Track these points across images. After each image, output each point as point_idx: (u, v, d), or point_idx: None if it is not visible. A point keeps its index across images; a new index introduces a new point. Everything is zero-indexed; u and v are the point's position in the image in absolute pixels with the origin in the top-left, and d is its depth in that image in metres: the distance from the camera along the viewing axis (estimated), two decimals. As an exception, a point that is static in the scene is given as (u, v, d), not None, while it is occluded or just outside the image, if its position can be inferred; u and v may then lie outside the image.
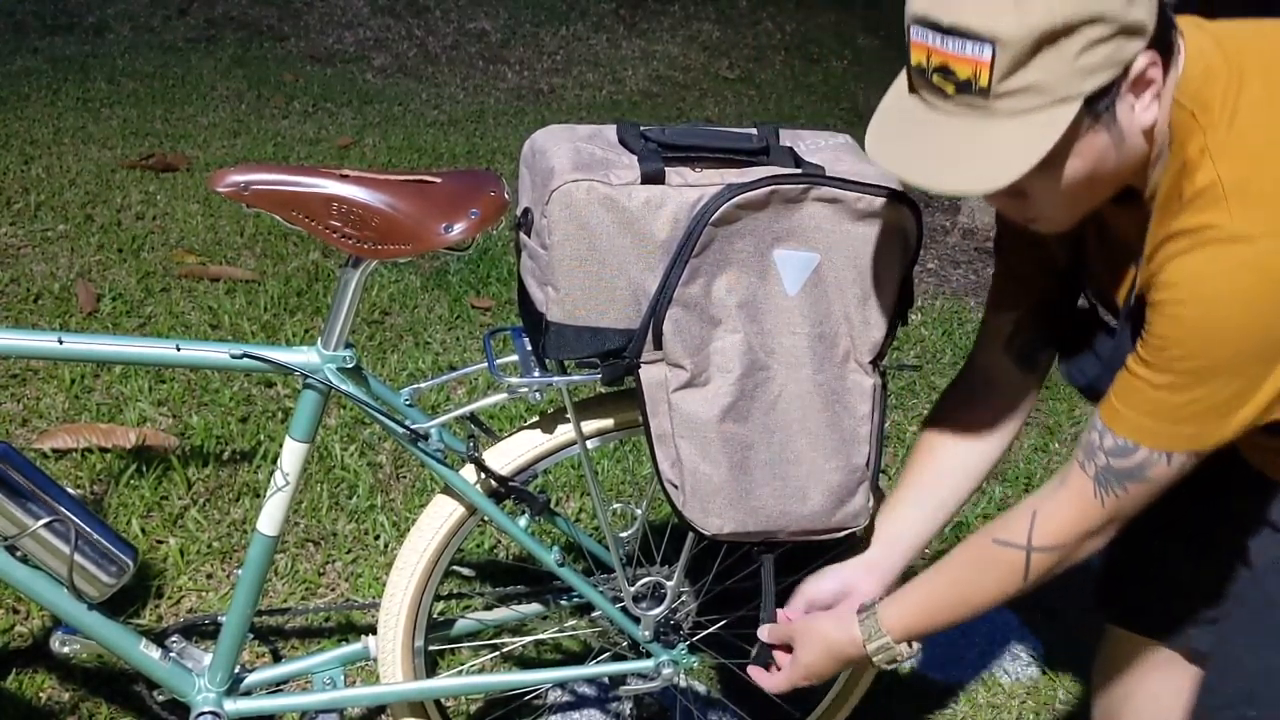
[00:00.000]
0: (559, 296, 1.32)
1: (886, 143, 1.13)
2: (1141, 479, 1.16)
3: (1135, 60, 1.02)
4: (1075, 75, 1.01)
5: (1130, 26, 1.00)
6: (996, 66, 1.01)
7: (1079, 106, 1.02)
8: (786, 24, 6.68)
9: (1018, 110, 1.03)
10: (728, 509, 1.41)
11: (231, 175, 1.29)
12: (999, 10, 1.00)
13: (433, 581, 1.56)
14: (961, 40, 1.02)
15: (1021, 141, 1.03)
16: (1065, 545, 1.23)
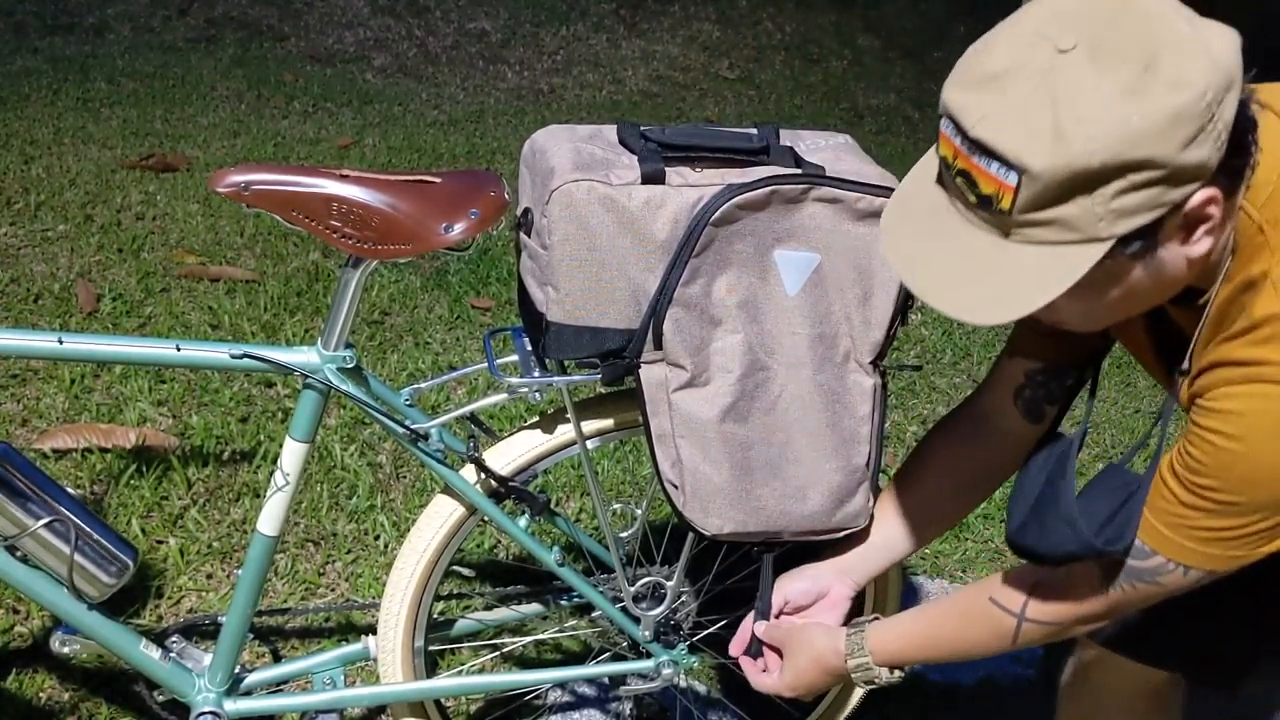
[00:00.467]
0: (559, 296, 1.32)
1: (902, 239, 1.04)
2: (1153, 582, 1.11)
3: (1190, 198, 0.92)
4: (1109, 217, 0.91)
5: (1184, 171, 0.90)
6: (1021, 196, 0.92)
7: (1108, 248, 0.92)
8: (786, 24, 6.68)
9: (1039, 240, 0.94)
10: (728, 509, 1.41)
11: (231, 175, 1.29)
12: (1034, 138, 0.90)
13: (433, 582, 1.56)
14: (988, 158, 0.92)
15: (1038, 275, 0.94)
16: (1059, 624, 1.20)
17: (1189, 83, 0.89)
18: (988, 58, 0.94)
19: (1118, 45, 0.90)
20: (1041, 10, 0.95)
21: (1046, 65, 0.91)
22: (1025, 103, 0.91)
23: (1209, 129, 0.89)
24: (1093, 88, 0.89)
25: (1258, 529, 1.02)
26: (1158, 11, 0.92)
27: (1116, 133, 0.88)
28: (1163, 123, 0.88)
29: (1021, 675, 2.20)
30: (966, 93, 0.94)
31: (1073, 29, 0.91)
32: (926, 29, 6.82)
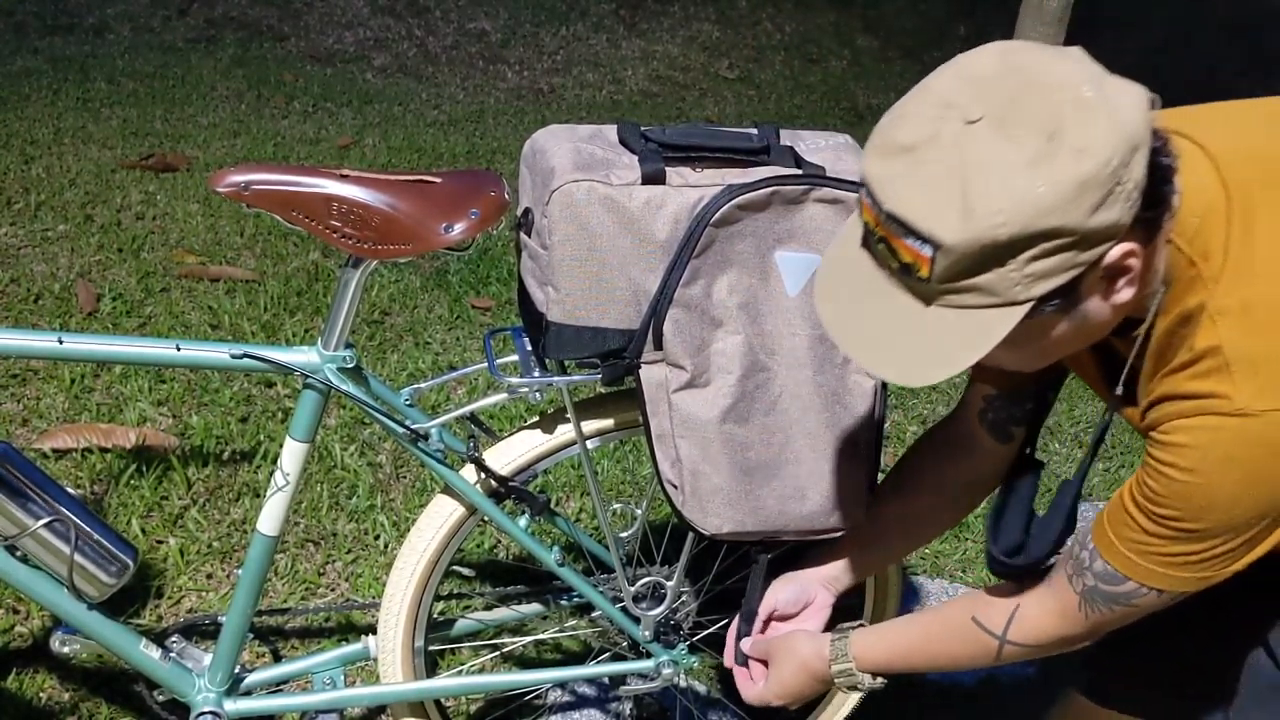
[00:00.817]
0: (559, 296, 1.32)
1: (833, 301, 1.06)
2: (1128, 604, 1.13)
3: (1106, 254, 0.94)
4: (1025, 282, 0.93)
5: (1095, 234, 0.92)
6: (937, 267, 0.94)
7: (1027, 309, 0.95)
8: (786, 24, 6.68)
9: (960, 305, 0.96)
10: (727, 509, 1.41)
11: (232, 175, 1.29)
12: (944, 214, 0.92)
13: (433, 582, 1.56)
14: (903, 230, 0.94)
15: (962, 338, 0.97)
16: (1040, 646, 1.23)
17: (1093, 150, 0.90)
18: (900, 128, 0.96)
19: (1023, 115, 0.91)
20: (951, 77, 0.96)
21: (954, 138, 0.92)
22: (935, 177, 0.92)
23: (1117, 191, 0.91)
24: (999, 160, 0.90)
25: (1221, 551, 1.04)
26: (1063, 78, 0.93)
27: (1024, 205, 0.90)
28: (1069, 192, 0.90)
29: (1021, 674, 2.20)
30: (881, 164, 0.96)
31: (980, 99, 0.93)
32: (926, 29, 6.82)
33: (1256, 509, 1.00)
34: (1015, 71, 0.94)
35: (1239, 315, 0.98)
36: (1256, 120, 1.12)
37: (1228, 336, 0.98)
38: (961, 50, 1.01)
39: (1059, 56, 0.96)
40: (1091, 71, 0.95)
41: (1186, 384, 1.01)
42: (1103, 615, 1.15)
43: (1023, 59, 0.95)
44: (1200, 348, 0.99)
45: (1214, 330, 0.98)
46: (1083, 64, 0.96)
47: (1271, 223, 1.00)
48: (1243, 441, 0.97)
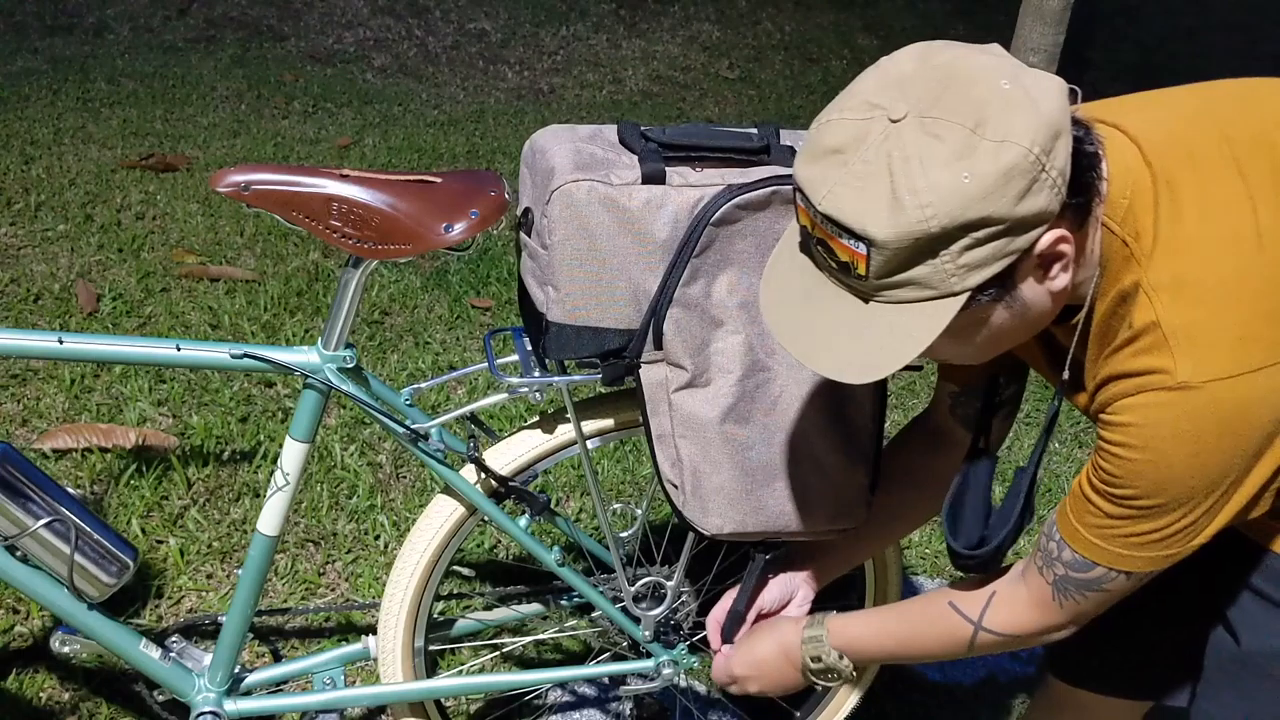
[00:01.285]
0: (559, 296, 1.32)
1: (777, 304, 1.08)
2: (1100, 590, 1.15)
3: (1038, 241, 0.97)
4: (960, 273, 0.96)
5: (1024, 221, 0.94)
6: (872, 263, 0.96)
7: (965, 299, 0.98)
8: (786, 24, 6.68)
9: (899, 300, 0.99)
10: (727, 509, 1.41)
11: (232, 175, 1.29)
12: (874, 210, 0.94)
13: (433, 582, 1.56)
14: (838, 229, 0.97)
15: (902, 332, 0.99)
16: (1017, 636, 1.24)
17: (1015, 139, 0.92)
18: (829, 131, 0.98)
19: (945, 111, 0.94)
20: (875, 79, 0.99)
21: (881, 136, 0.95)
22: (864, 176, 0.95)
23: (1042, 179, 0.94)
24: (924, 155, 0.93)
25: (1183, 525, 1.05)
26: (982, 73, 0.96)
27: (951, 197, 0.92)
28: (994, 181, 0.92)
29: (1021, 673, 2.20)
30: (812, 166, 0.99)
31: (903, 97, 0.96)
32: (926, 29, 6.82)
33: (1209, 478, 1.02)
34: (936, 70, 0.97)
35: (1173, 290, 1.00)
36: (1182, 105, 1.14)
37: (1164, 311, 1.00)
38: (962, 50, 1.01)
39: (977, 52, 0.99)
40: (1009, 66, 0.98)
41: (1128, 361, 1.03)
42: (1078, 603, 1.17)
43: (943, 57, 0.98)
44: (1139, 324, 1.01)
45: (1150, 306, 1.00)
46: (1001, 59, 0.98)
47: (1197, 199, 1.02)
48: (1188, 414, 0.99)
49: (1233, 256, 1.00)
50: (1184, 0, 6.90)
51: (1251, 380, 0.98)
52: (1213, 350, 0.98)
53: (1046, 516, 1.24)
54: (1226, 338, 0.98)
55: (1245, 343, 0.98)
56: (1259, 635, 1.24)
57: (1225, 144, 1.06)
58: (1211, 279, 1.00)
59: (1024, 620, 1.22)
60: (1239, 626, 1.27)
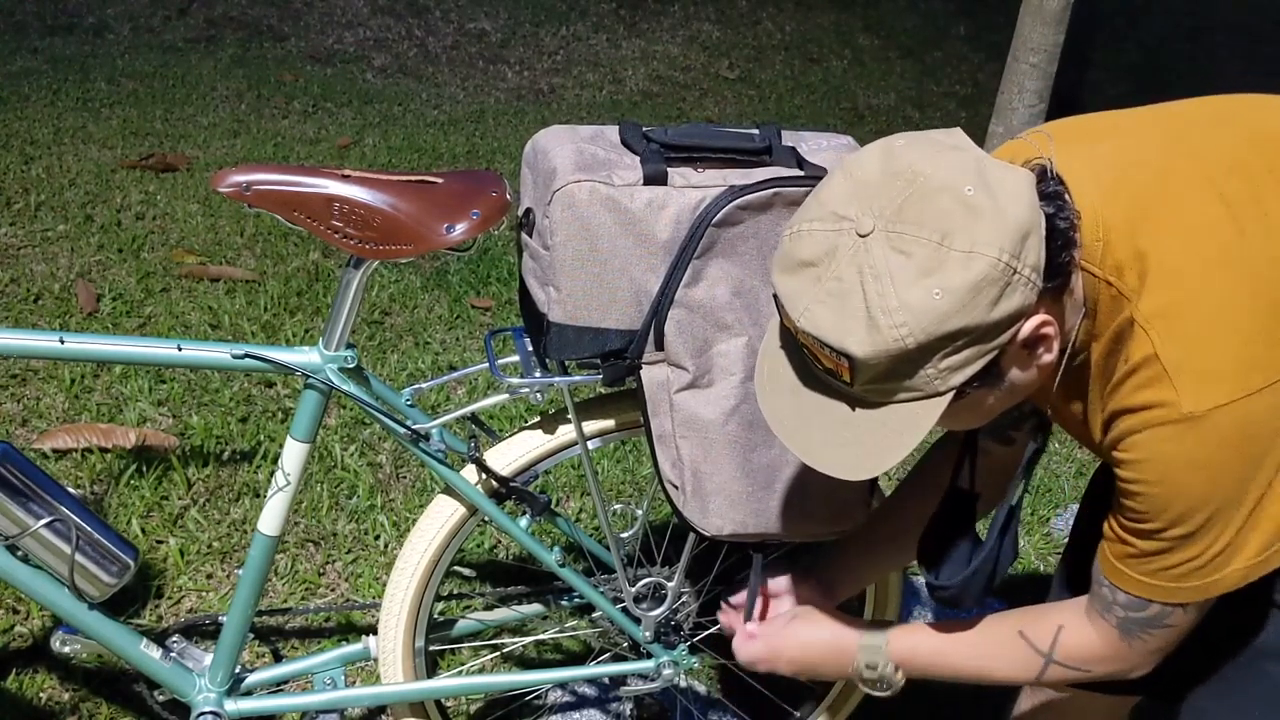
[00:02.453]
0: (561, 297, 1.32)
1: (773, 396, 1.10)
2: (1164, 626, 1.14)
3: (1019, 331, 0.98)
4: (943, 375, 0.98)
5: (1000, 324, 0.96)
6: (856, 374, 0.98)
7: (951, 395, 0.99)
8: (786, 24, 6.68)
9: (885, 402, 1.01)
10: (728, 509, 1.41)
11: (233, 175, 1.28)
12: (851, 329, 0.96)
13: (433, 582, 1.56)
14: (819, 341, 0.99)
15: (893, 431, 1.01)
16: (1090, 668, 1.22)
17: (982, 250, 0.93)
18: (801, 243, 1.00)
19: (911, 224, 0.95)
20: (841, 186, 1.00)
21: (851, 252, 0.96)
22: (838, 293, 0.97)
23: (1015, 281, 0.95)
24: (894, 272, 0.94)
25: (1218, 548, 1.05)
26: (946, 179, 0.96)
27: (924, 315, 0.94)
28: (965, 294, 0.94)
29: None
30: (788, 279, 1.01)
31: (869, 209, 0.97)
32: (926, 29, 6.82)
33: (1231, 498, 1.02)
34: (899, 176, 0.97)
35: (1166, 320, 1.00)
36: (1152, 132, 1.14)
37: (1160, 343, 1.00)
38: (962, 50, 1.01)
39: (941, 151, 0.99)
40: (974, 164, 0.98)
41: (1131, 396, 1.03)
42: (1145, 641, 1.16)
43: (905, 160, 0.98)
44: (1136, 358, 1.02)
45: (1147, 339, 1.01)
46: (964, 156, 0.99)
47: (1177, 225, 1.03)
48: (1197, 443, 1.00)
49: (1220, 280, 1.00)
50: (1185, 0, 6.90)
51: (1254, 402, 0.98)
52: (1213, 378, 0.98)
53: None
54: (1225, 364, 0.99)
55: (1243, 366, 0.99)
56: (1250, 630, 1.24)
57: (1201, 168, 1.06)
58: (1203, 306, 1.00)
59: (1096, 657, 1.20)
60: (1233, 622, 1.26)
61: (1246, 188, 1.04)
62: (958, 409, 1.03)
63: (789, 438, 1.08)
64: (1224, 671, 1.29)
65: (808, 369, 1.06)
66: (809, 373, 1.06)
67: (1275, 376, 0.98)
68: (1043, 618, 1.25)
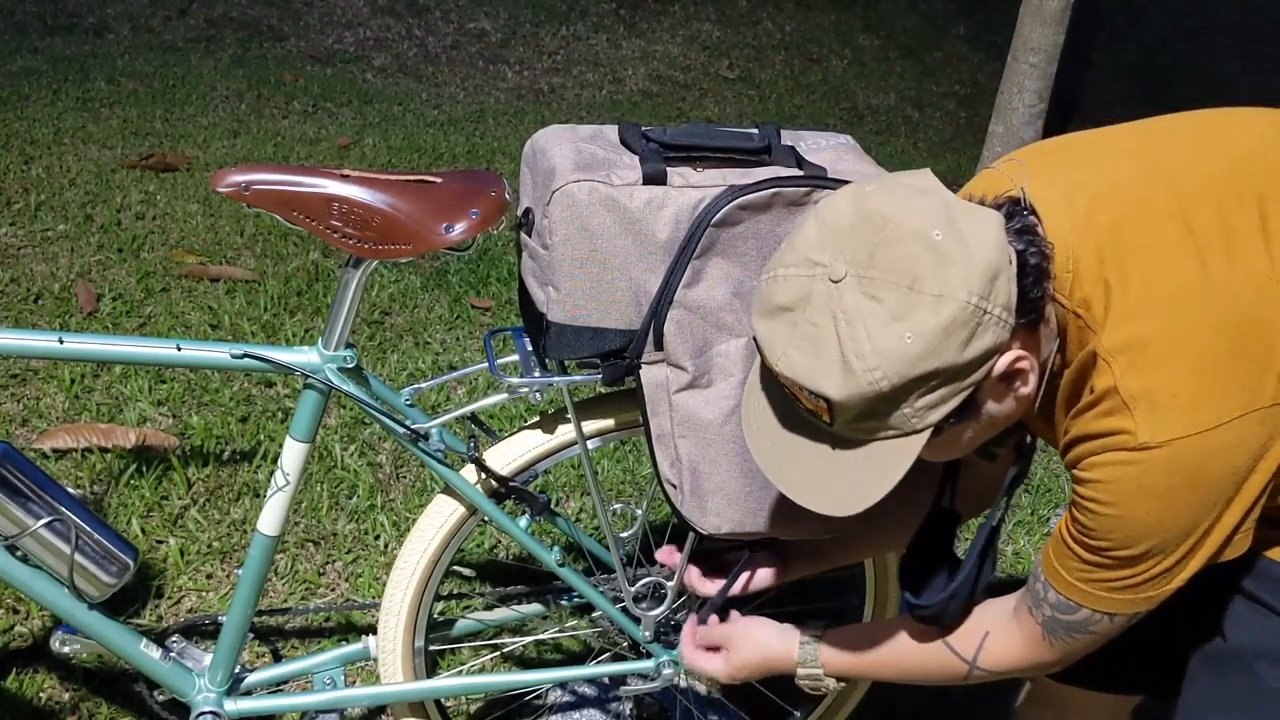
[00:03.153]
0: (560, 297, 1.32)
1: (759, 434, 1.13)
2: (1087, 631, 1.17)
3: (994, 369, 1.01)
4: (919, 414, 1.01)
5: (973, 363, 0.99)
6: (834, 415, 1.02)
7: (930, 432, 1.02)
8: (786, 24, 6.68)
9: (866, 440, 1.04)
10: (725, 508, 1.41)
11: (233, 175, 1.28)
12: (827, 374, 0.99)
13: (433, 582, 1.56)
14: (797, 384, 1.02)
15: (873, 470, 1.04)
16: (1012, 670, 1.27)
17: (951, 294, 0.97)
18: (777, 288, 1.04)
19: (881, 270, 0.98)
20: (815, 232, 1.03)
21: (824, 298, 1.00)
22: (813, 338, 1.00)
23: (986, 321, 0.98)
24: (866, 317, 0.98)
25: (1158, 571, 1.09)
26: (914, 225, 0.99)
27: (896, 359, 0.97)
28: (936, 338, 0.97)
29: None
30: (766, 323, 1.05)
31: (841, 255, 1.00)
32: (926, 29, 6.82)
33: (1178, 529, 1.05)
34: (869, 223, 1.00)
35: (1129, 354, 1.03)
36: (1132, 154, 1.16)
37: (1121, 377, 1.03)
38: (962, 50, 1.02)
39: (910, 197, 1.02)
40: (942, 208, 1.01)
41: (1092, 423, 1.06)
42: (1066, 643, 1.20)
43: (876, 205, 1.01)
44: (1100, 389, 1.05)
45: (1110, 372, 1.04)
46: (934, 200, 1.01)
47: (1144, 258, 1.05)
48: (1150, 472, 1.03)
49: (1183, 317, 1.03)
50: (1186, 1, 6.90)
51: (1209, 438, 1.01)
52: (1170, 412, 1.01)
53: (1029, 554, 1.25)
54: (1182, 400, 1.01)
55: (1200, 402, 1.01)
56: (1245, 632, 1.26)
57: (1173, 197, 1.08)
58: (1163, 342, 1.02)
59: (1016, 658, 1.25)
60: (1226, 623, 1.28)
61: (1216, 219, 1.06)
62: (938, 444, 1.06)
63: (775, 475, 1.11)
64: (1216, 672, 1.29)
65: (790, 408, 1.09)
66: (792, 412, 1.09)
67: (1230, 414, 1.01)
68: (969, 625, 1.29)
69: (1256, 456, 1.03)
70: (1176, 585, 1.10)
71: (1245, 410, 1.01)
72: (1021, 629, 1.23)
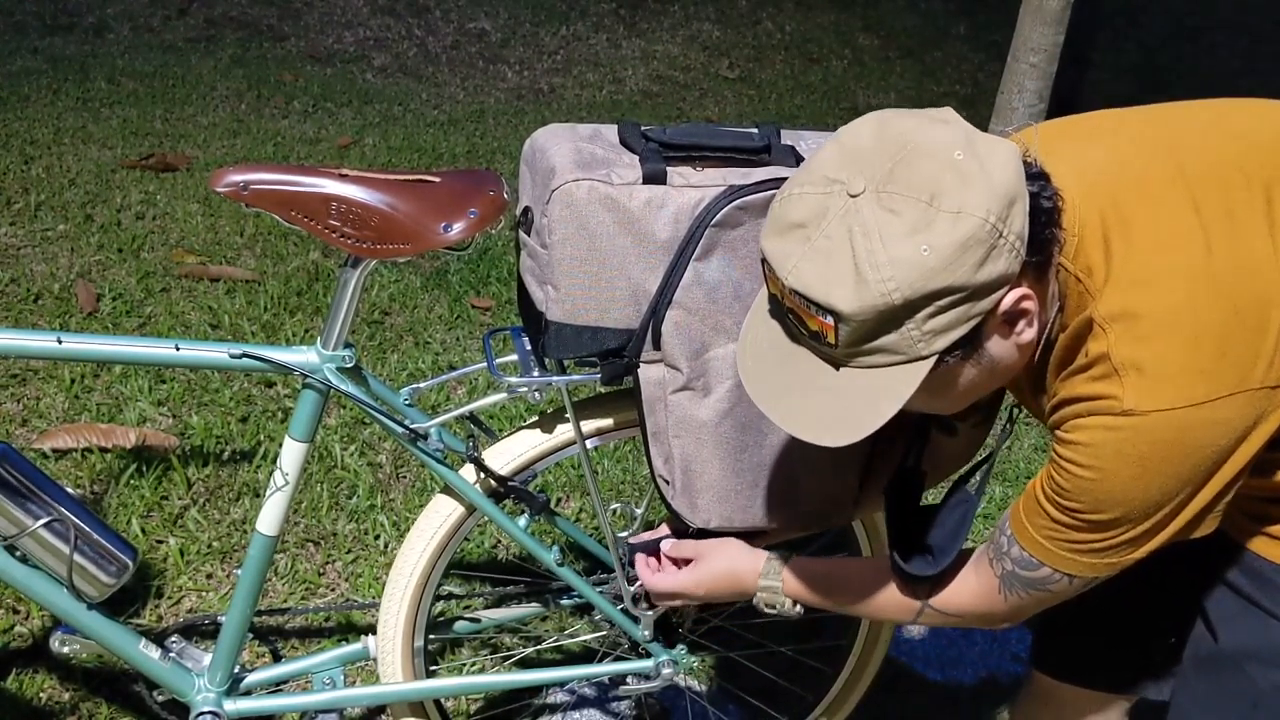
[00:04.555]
0: (559, 296, 1.32)
1: (755, 366, 1.12)
2: (1043, 589, 1.18)
3: (1001, 302, 1.01)
4: (926, 338, 1.00)
5: (985, 287, 0.99)
6: (840, 334, 1.00)
7: (933, 362, 1.02)
8: (786, 24, 6.68)
9: (869, 365, 1.03)
10: (715, 505, 1.42)
11: (231, 175, 1.28)
12: (838, 285, 0.98)
13: (433, 581, 1.56)
14: (806, 301, 1.01)
15: (873, 397, 1.03)
16: (960, 616, 1.28)
17: (970, 211, 0.96)
18: (792, 205, 1.03)
19: (901, 185, 0.98)
20: (834, 152, 1.03)
21: (841, 212, 0.99)
22: (827, 251, 0.99)
23: (1000, 245, 0.98)
24: (883, 229, 0.97)
25: (1124, 539, 1.10)
26: (936, 145, 1.00)
27: (911, 270, 0.96)
28: (952, 253, 0.96)
29: (1023, 674, 2.20)
30: (778, 241, 1.03)
31: (860, 172, 0.99)
32: (926, 29, 6.82)
33: (1150, 500, 1.06)
34: (891, 142, 1.01)
35: (1124, 323, 1.03)
36: (1142, 134, 1.16)
37: (1115, 344, 1.03)
38: (962, 50, 1.02)
39: (932, 123, 1.02)
40: (963, 134, 1.01)
41: (1082, 387, 1.07)
42: (1020, 599, 1.20)
43: (897, 129, 1.02)
44: (1093, 354, 1.05)
45: (1104, 338, 1.04)
46: (954, 128, 1.02)
47: (1149, 233, 1.06)
48: (1132, 440, 1.03)
49: (1182, 291, 1.03)
50: (1185, 0, 6.90)
51: (1194, 413, 1.01)
52: (1158, 383, 1.02)
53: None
54: (1171, 372, 1.01)
55: (1189, 377, 1.01)
56: (1236, 633, 1.26)
57: (1180, 177, 1.08)
58: (1160, 313, 1.03)
59: (968, 604, 1.26)
60: (1217, 624, 1.28)
61: (1221, 199, 1.06)
62: (937, 383, 1.05)
63: (766, 403, 1.09)
64: (1208, 673, 1.30)
65: (793, 333, 1.07)
66: (794, 336, 1.08)
67: (1219, 392, 1.01)
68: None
69: (1239, 438, 1.03)
70: (1140, 556, 1.11)
71: (1235, 390, 1.01)
72: (979, 578, 1.24)
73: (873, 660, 1.81)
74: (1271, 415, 1.03)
